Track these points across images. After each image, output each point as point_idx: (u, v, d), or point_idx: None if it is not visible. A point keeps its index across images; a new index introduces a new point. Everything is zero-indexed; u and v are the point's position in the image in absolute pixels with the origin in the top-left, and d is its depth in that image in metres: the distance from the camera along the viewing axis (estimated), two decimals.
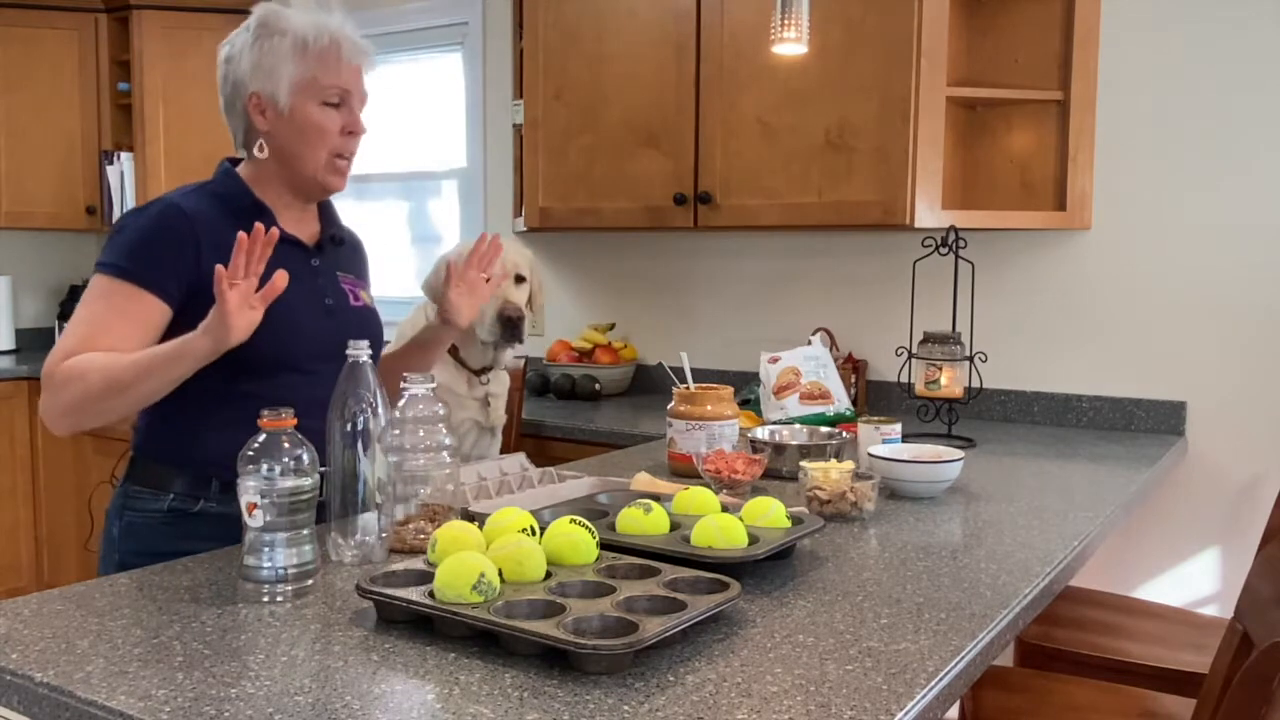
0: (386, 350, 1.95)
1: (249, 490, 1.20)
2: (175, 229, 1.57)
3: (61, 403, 1.49)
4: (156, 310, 1.54)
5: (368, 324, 1.76)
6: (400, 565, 1.21)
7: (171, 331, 1.51)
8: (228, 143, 1.73)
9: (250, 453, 1.21)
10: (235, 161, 1.73)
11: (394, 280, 3.81)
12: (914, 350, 2.38)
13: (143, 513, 1.63)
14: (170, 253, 1.55)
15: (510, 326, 2.35)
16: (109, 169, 4.10)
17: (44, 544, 4.01)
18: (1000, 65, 2.69)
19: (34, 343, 4.59)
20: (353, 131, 1.68)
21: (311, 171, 1.67)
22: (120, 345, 1.49)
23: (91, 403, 1.47)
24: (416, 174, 3.88)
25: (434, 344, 1.88)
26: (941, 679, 1.02)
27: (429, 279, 2.39)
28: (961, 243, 2.37)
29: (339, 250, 1.79)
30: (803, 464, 1.71)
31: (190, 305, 1.54)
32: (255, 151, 1.67)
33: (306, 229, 1.75)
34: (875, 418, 2.02)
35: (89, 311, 1.53)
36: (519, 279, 2.42)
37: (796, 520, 1.42)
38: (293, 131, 1.64)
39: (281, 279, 1.42)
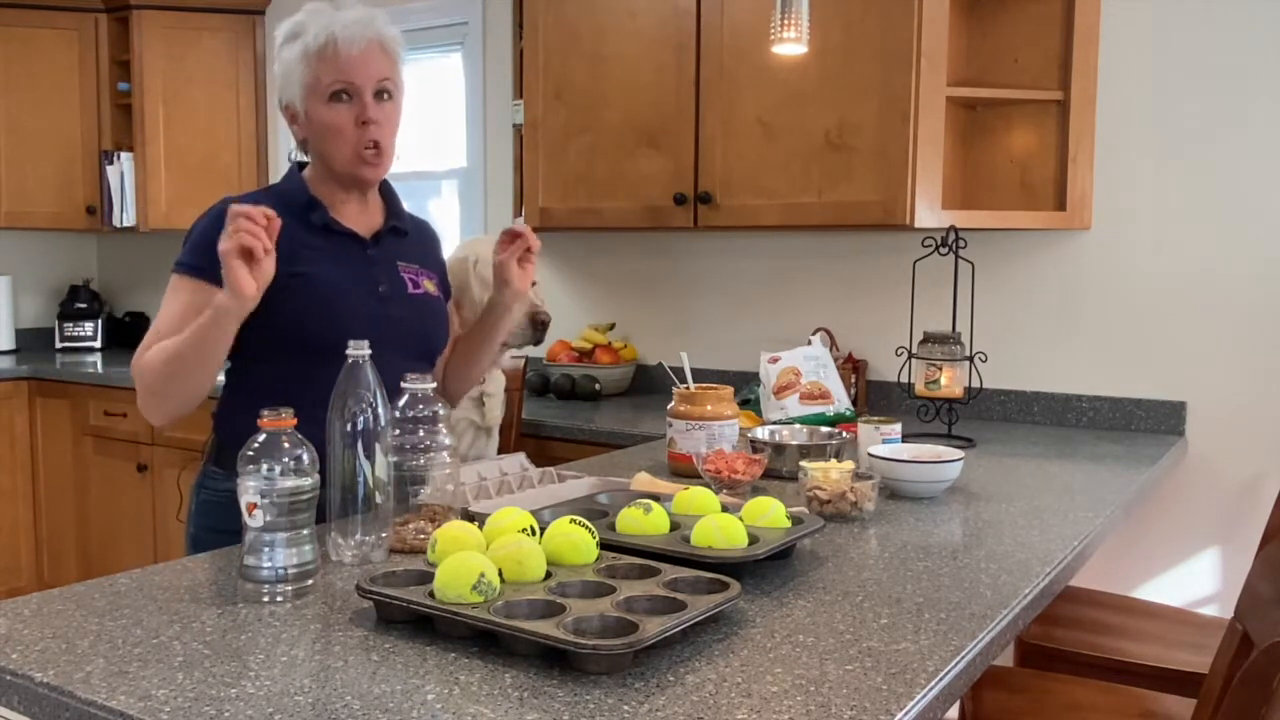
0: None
1: (249, 490, 1.20)
2: None
3: (143, 390, 1.62)
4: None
5: (425, 310, 1.83)
6: (400, 565, 1.21)
7: (250, 318, 1.53)
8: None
9: (250, 453, 1.21)
10: (305, 165, 1.83)
11: None
12: (914, 350, 2.38)
13: (215, 491, 1.73)
14: None
15: (541, 329, 2.38)
16: (109, 169, 4.10)
17: (44, 544, 4.01)
18: (1000, 65, 2.69)
19: (34, 343, 4.59)
20: (365, 121, 1.69)
21: (341, 167, 1.73)
22: None
23: (162, 383, 1.59)
24: (416, 174, 3.88)
25: (490, 316, 1.86)
26: (941, 679, 1.02)
27: None
28: (961, 243, 2.37)
29: (401, 241, 1.84)
30: (803, 464, 1.71)
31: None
32: (304, 154, 1.80)
33: (366, 221, 1.80)
34: (875, 418, 2.02)
35: (163, 309, 1.67)
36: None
37: (796, 520, 1.42)
38: (315, 133, 1.73)
39: (276, 220, 1.48)
